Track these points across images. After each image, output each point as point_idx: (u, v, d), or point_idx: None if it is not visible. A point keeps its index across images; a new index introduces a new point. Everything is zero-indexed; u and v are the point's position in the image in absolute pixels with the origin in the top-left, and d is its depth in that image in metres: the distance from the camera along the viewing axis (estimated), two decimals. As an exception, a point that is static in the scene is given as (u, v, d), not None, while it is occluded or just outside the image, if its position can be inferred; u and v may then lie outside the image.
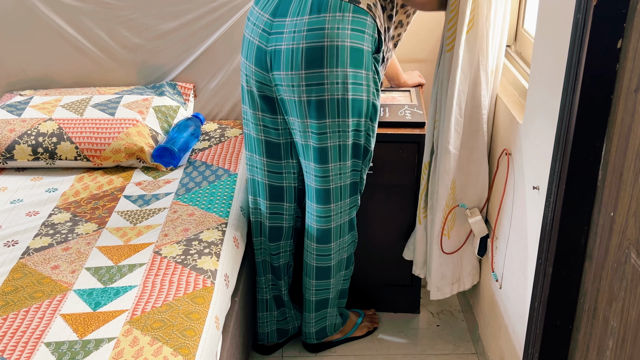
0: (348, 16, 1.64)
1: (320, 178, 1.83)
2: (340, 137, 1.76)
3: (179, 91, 2.59)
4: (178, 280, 1.67)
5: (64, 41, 2.55)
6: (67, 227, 1.93)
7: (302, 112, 1.73)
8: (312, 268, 2.00)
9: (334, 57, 1.65)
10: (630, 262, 1.17)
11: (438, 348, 2.25)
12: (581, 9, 1.22)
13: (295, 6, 1.67)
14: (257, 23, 1.74)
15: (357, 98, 1.72)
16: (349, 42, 1.65)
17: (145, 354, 1.43)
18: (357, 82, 1.70)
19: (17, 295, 1.63)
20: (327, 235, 1.93)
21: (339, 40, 1.64)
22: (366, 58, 1.69)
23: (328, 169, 1.81)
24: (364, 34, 1.67)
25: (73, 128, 2.27)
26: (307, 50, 1.65)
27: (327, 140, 1.75)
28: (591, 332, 1.35)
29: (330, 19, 1.64)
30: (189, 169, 2.27)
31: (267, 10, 1.72)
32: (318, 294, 2.05)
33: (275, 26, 1.69)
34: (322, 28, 1.64)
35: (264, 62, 1.73)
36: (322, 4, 1.65)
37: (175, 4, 2.49)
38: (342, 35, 1.64)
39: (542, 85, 1.55)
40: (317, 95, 1.69)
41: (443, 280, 2.11)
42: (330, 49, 1.64)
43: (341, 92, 1.69)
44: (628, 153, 1.17)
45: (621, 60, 1.20)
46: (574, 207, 1.34)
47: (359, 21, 1.66)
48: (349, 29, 1.65)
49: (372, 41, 1.70)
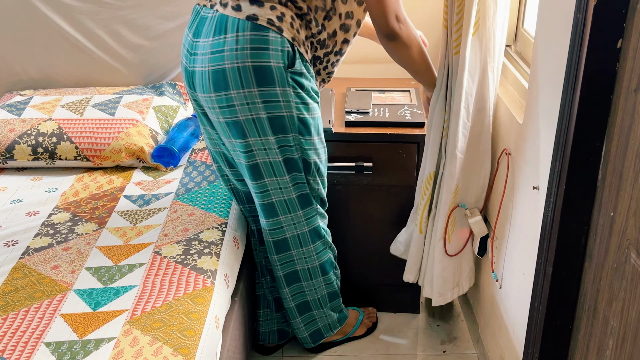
0: (246, 35, 1.60)
1: (259, 194, 1.81)
2: (268, 154, 1.73)
3: (179, 91, 2.59)
4: (178, 280, 1.67)
5: (64, 41, 2.55)
6: (67, 227, 1.93)
7: (225, 132, 1.73)
8: (280, 278, 1.99)
9: (237, 79, 1.62)
10: (630, 262, 1.17)
11: (438, 348, 2.25)
12: (581, 9, 1.22)
13: (207, 27, 1.66)
14: (185, 43, 1.74)
15: (275, 115, 1.67)
16: (250, 62, 1.60)
17: (145, 354, 1.43)
18: (269, 100, 1.65)
19: (17, 295, 1.63)
20: (284, 245, 1.91)
21: (238, 62, 1.60)
22: (277, 75, 1.63)
23: (265, 184, 1.79)
24: (267, 51, 1.61)
25: (73, 128, 2.27)
26: (212, 73, 1.63)
27: (255, 157, 1.73)
28: (591, 332, 1.35)
29: (230, 40, 1.61)
30: (189, 168, 2.27)
31: (191, 30, 1.72)
32: (295, 298, 2.03)
33: (194, 47, 1.69)
34: (222, 50, 1.61)
35: (190, 82, 1.74)
36: (223, 25, 1.62)
37: (175, 4, 2.49)
38: (242, 56, 1.60)
39: (542, 85, 1.55)
40: (232, 117, 1.67)
41: (445, 285, 2.08)
42: (232, 71, 1.61)
43: (254, 112, 1.66)
44: (628, 153, 1.17)
45: (621, 60, 1.20)
46: (574, 207, 1.34)
47: (259, 38, 1.60)
48: (249, 49, 1.60)
49: (283, 56, 1.62)
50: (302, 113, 1.72)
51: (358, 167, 2.16)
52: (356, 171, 2.17)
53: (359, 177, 2.20)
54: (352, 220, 2.28)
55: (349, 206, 2.26)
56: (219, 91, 1.64)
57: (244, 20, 1.60)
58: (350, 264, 2.35)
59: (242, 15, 1.60)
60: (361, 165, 2.16)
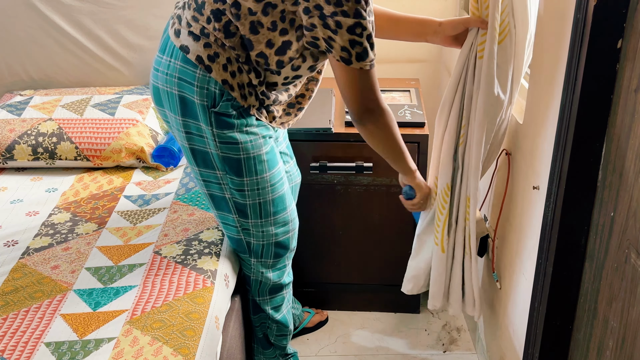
0: (177, 64, 1.53)
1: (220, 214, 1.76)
2: (199, 184, 1.70)
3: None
4: (178, 280, 1.67)
5: (64, 41, 2.55)
6: (67, 227, 1.93)
7: None
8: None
9: (167, 101, 1.58)
10: (630, 262, 1.17)
11: (438, 348, 2.25)
12: (581, 9, 1.22)
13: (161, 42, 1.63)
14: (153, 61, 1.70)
15: (196, 148, 1.60)
16: (177, 90, 1.54)
17: (145, 354, 1.43)
18: (191, 132, 1.58)
19: (17, 295, 1.63)
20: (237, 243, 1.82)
21: (167, 86, 1.56)
22: (200, 111, 1.54)
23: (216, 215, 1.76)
24: (192, 86, 1.52)
25: (73, 128, 2.27)
26: (154, 88, 1.62)
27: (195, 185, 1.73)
28: (591, 332, 1.35)
29: (164, 62, 1.56)
30: (188, 169, 2.27)
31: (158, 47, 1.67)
32: None
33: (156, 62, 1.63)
34: (158, 69, 1.58)
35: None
36: (165, 45, 1.58)
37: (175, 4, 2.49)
38: (171, 83, 1.55)
39: (542, 85, 1.55)
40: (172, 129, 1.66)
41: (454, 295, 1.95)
42: (164, 93, 1.58)
43: (179, 138, 1.63)
44: (628, 153, 1.17)
45: (621, 60, 1.20)
46: (574, 207, 1.34)
47: (186, 71, 1.52)
48: (177, 77, 1.53)
49: (208, 95, 1.51)
50: (228, 153, 1.58)
51: (358, 167, 2.16)
52: (356, 171, 2.17)
53: (359, 177, 2.20)
54: (352, 220, 2.28)
55: (349, 206, 2.26)
56: (159, 106, 1.64)
57: (177, 48, 1.53)
58: (350, 264, 2.35)
59: (177, 43, 1.53)
60: (361, 165, 2.16)
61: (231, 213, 1.70)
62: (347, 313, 2.44)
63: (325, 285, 2.42)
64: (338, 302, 2.45)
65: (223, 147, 1.58)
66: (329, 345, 2.28)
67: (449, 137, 1.74)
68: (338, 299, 2.44)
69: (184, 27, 1.53)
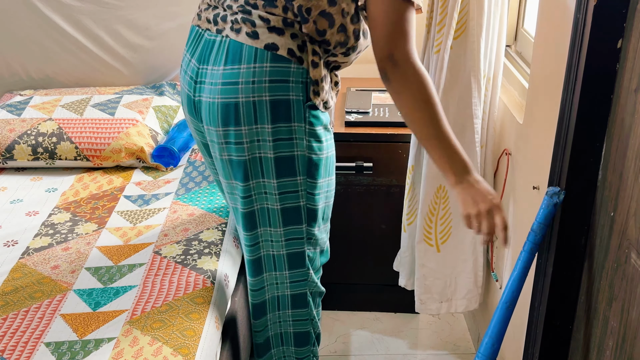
0: (265, 67, 1.42)
1: (250, 247, 1.60)
2: (267, 200, 1.53)
3: (179, 91, 2.59)
4: (178, 280, 1.67)
5: (64, 41, 2.55)
6: (67, 227, 1.93)
7: (226, 172, 1.54)
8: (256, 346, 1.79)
9: (251, 114, 1.44)
10: (630, 262, 1.17)
11: (438, 348, 2.25)
12: (581, 9, 1.22)
13: (215, 53, 1.47)
14: (187, 70, 1.54)
15: (283, 156, 1.48)
16: (268, 96, 1.43)
17: (145, 354, 1.43)
18: (281, 138, 1.47)
19: (17, 295, 1.63)
20: (261, 309, 1.71)
21: (254, 96, 1.42)
22: (294, 109, 1.45)
23: (257, 235, 1.58)
24: (288, 84, 1.43)
25: (73, 128, 2.27)
26: (222, 106, 1.45)
27: (253, 203, 1.54)
28: (591, 332, 1.35)
29: (245, 71, 1.42)
30: (188, 168, 2.27)
31: (194, 55, 1.52)
32: None
33: (200, 74, 1.49)
34: (236, 82, 1.43)
35: (193, 111, 1.56)
36: (237, 53, 1.43)
37: (175, 4, 2.49)
38: (259, 90, 1.42)
39: (542, 85, 1.55)
40: (238, 155, 1.49)
41: (427, 294, 2.03)
42: (246, 106, 1.43)
43: (262, 151, 1.47)
44: (628, 153, 1.17)
45: (621, 60, 1.20)
46: (574, 207, 1.34)
47: (280, 70, 1.42)
48: (267, 82, 1.42)
49: (302, 88, 1.45)
50: (315, 152, 1.51)
51: (358, 167, 2.16)
52: (356, 171, 2.17)
53: (359, 177, 2.20)
54: (352, 220, 2.28)
55: (349, 206, 2.26)
56: (228, 126, 1.46)
57: (262, 49, 1.41)
58: (350, 264, 2.35)
59: (260, 44, 1.41)
60: (361, 165, 2.16)
61: (302, 223, 1.57)
62: (347, 313, 2.44)
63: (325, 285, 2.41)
64: (338, 302, 2.45)
65: (312, 147, 1.50)
66: (329, 345, 2.27)
67: None
68: (338, 298, 2.44)
69: (260, 27, 1.42)
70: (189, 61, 1.53)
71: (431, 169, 1.88)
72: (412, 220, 2.04)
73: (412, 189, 2.02)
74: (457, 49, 1.77)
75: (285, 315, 1.72)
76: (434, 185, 1.90)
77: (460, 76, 1.80)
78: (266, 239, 1.59)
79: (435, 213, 1.94)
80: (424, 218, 1.95)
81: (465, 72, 1.79)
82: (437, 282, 2.02)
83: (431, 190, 1.91)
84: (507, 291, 1.38)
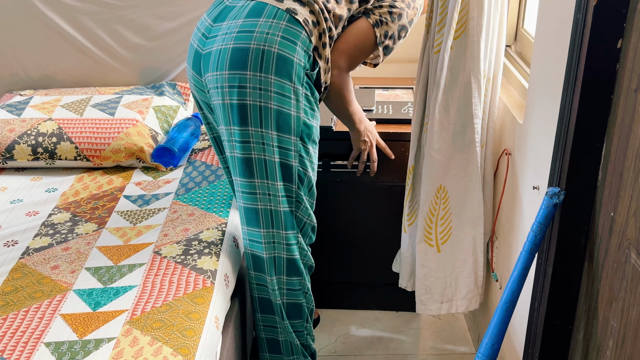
0: (281, 24, 1.61)
1: (246, 195, 1.70)
2: (265, 151, 1.64)
3: (179, 91, 2.59)
4: (178, 280, 1.67)
5: (64, 41, 2.55)
6: (67, 227, 1.93)
7: (226, 118, 1.65)
8: (255, 299, 1.85)
9: (258, 61, 1.59)
10: (630, 262, 1.17)
11: (438, 348, 2.25)
12: (581, 9, 1.22)
13: (235, 12, 1.66)
14: (200, 27, 1.73)
15: (282, 110, 1.63)
16: (277, 48, 1.60)
17: (145, 354, 1.43)
18: (281, 93, 1.62)
19: (17, 295, 1.63)
20: (261, 264, 1.78)
21: (266, 45, 1.60)
22: (296, 70, 1.62)
23: (254, 185, 1.68)
24: (295, 45, 1.62)
25: (73, 128, 2.27)
26: (233, 51, 1.61)
27: (251, 151, 1.64)
28: (591, 332, 1.35)
29: (263, 23, 1.61)
30: (188, 169, 2.27)
31: (211, 16, 1.71)
32: (266, 331, 1.87)
33: (213, 30, 1.67)
34: (252, 30, 1.61)
35: (198, 65, 1.71)
36: (259, 10, 1.63)
37: (175, 4, 2.49)
38: (271, 41, 1.60)
39: (542, 85, 1.55)
40: (239, 99, 1.61)
41: (428, 295, 2.03)
42: (256, 52, 1.59)
43: (263, 100, 1.61)
44: (628, 153, 1.17)
45: (621, 60, 1.20)
46: (574, 207, 1.34)
47: (292, 31, 1.62)
48: (279, 36, 1.61)
49: (305, 57, 1.64)
50: (309, 118, 1.69)
51: None
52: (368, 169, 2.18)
53: (361, 175, 2.20)
54: (352, 219, 2.28)
55: (350, 205, 2.26)
56: (235, 69, 1.60)
57: (283, 11, 1.63)
58: (350, 263, 2.35)
59: (283, 7, 1.63)
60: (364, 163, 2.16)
61: (293, 184, 1.71)
62: (348, 312, 2.44)
63: (326, 284, 2.42)
64: (338, 301, 2.45)
65: (307, 112, 1.67)
66: (329, 344, 2.27)
67: (415, 123, 1.93)
68: (338, 297, 2.44)
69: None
70: (204, 20, 1.72)
71: (431, 169, 1.88)
72: (413, 220, 2.04)
73: (412, 189, 2.02)
74: (457, 49, 1.76)
75: (280, 281, 1.79)
76: (434, 186, 1.90)
77: (460, 76, 1.79)
78: (264, 192, 1.69)
79: (435, 213, 1.94)
80: (424, 218, 1.94)
81: (465, 72, 1.78)
82: (438, 282, 2.02)
83: (431, 191, 1.91)
84: (507, 291, 1.38)
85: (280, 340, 1.87)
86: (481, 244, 1.95)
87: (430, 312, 2.06)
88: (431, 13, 1.83)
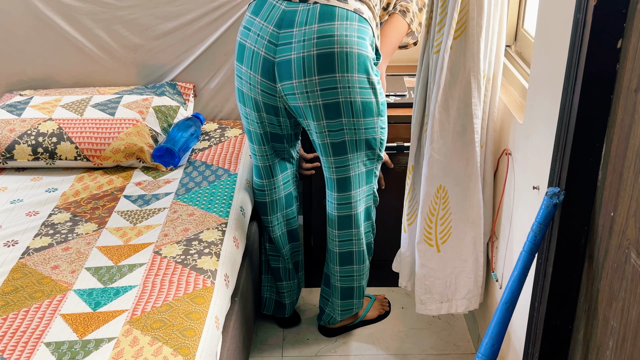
0: (354, 24, 1.76)
1: (339, 168, 1.94)
2: (356, 134, 1.88)
3: (179, 91, 2.59)
4: (178, 280, 1.67)
5: (64, 41, 2.55)
6: (67, 227, 1.93)
7: (318, 115, 1.83)
8: (336, 255, 2.08)
9: (344, 63, 1.75)
10: (630, 262, 1.17)
11: (438, 348, 2.25)
12: (581, 9, 1.22)
13: (302, 17, 1.76)
14: (261, 34, 1.80)
15: (366, 101, 1.82)
16: (357, 48, 1.75)
17: (145, 354, 1.43)
18: (363, 87, 1.80)
19: (17, 295, 1.63)
20: (348, 221, 2.02)
21: (347, 47, 1.75)
22: (370, 63, 1.80)
23: (347, 159, 1.91)
24: (366, 42, 1.78)
25: (73, 128, 2.27)
26: (319, 57, 1.74)
27: (344, 136, 1.87)
28: (591, 332, 1.35)
29: (339, 26, 1.74)
30: (189, 169, 2.27)
31: (271, 22, 1.79)
32: (343, 280, 2.12)
33: (282, 37, 1.77)
34: (332, 35, 1.74)
35: (271, 73, 1.81)
36: (330, 13, 1.74)
37: (175, 4, 2.49)
38: (350, 42, 1.75)
39: (542, 85, 1.55)
40: (332, 99, 1.79)
41: (428, 295, 2.03)
42: (340, 55, 1.74)
43: (352, 96, 1.80)
44: (628, 153, 1.17)
45: (621, 60, 1.20)
46: (574, 207, 1.34)
47: (363, 29, 1.77)
48: (356, 37, 1.76)
49: (373, 50, 1.83)
50: (378, 98, 1.87)
51: (399, 147, 2.26)
52: (397, 151, 2.27)
53: (399, 156, 2.28)
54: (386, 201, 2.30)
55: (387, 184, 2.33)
56: (325, 74, 1.76)
57: (352, 12, 1.76)
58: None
59: (350, 8, 1.76)
60: (402, 145, 2.26)
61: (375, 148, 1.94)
62: (347, 313, 2.43)
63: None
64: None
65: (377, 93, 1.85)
66: (329, 345, 2.28)
67: (415, 122, 1.95)
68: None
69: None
70: (263, 26, 1.81)
71: (431, 169, 1.88)
72: (412, 220, 2.04)
73: (412, 189, 2.02)
74: (457, 49, 1.76)
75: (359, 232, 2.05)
76: (434, 185, 1.90)
77: (460, 76, 1.79)
78: (354, 162, 1.94)
79: (435, 213, 1.94)
80: (424, 218, 1.94)
81: (465, 72, 1.78)
82: (437, 282, 2.02)
83: (431, 190, 1.91)
84: (507, 291, 1.38)
85: (354, 287, 2.14)
86: (481, 243, 1.94)
87: (430, 312, 2.06)
88: (431, 13, 1.84)
